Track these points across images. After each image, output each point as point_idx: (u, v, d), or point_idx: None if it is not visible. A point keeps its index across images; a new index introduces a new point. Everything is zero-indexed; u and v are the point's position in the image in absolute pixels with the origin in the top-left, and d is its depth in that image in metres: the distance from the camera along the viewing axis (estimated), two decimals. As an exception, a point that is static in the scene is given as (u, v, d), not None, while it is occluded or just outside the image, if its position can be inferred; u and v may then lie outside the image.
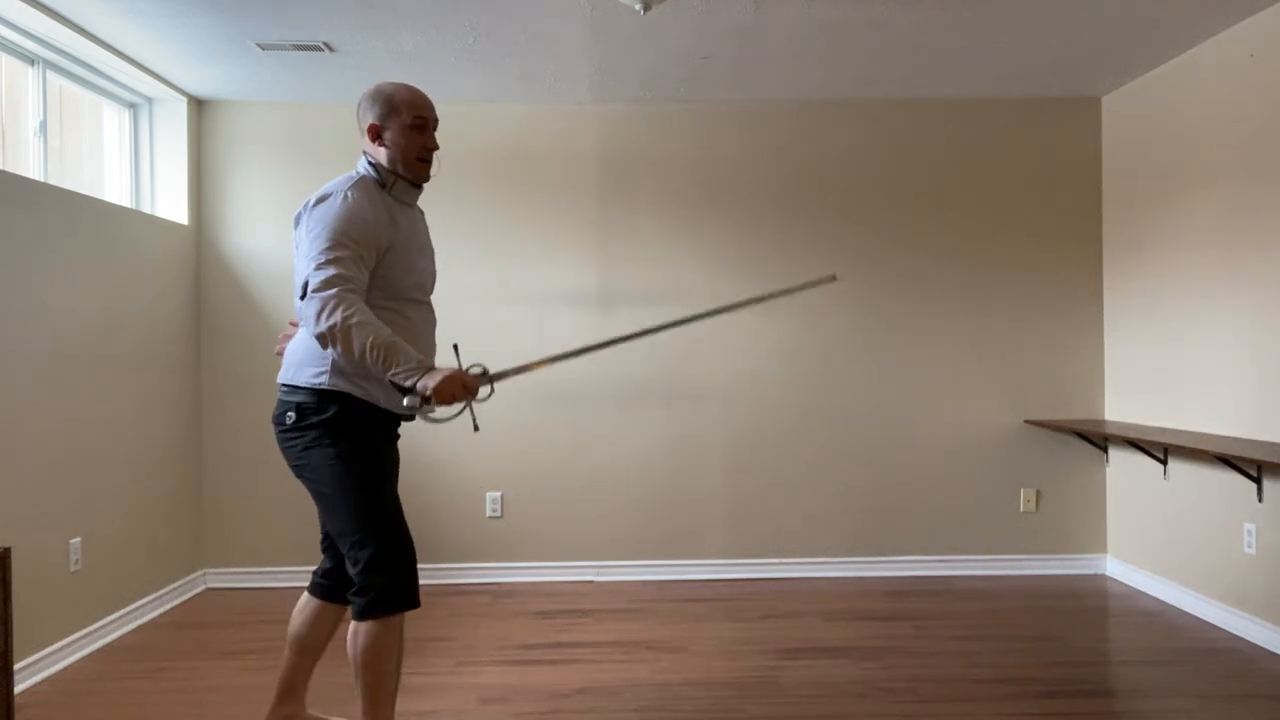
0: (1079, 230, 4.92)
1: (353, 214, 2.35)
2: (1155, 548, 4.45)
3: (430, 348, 2.60)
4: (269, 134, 4.81)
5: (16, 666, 3.24)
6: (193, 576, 4.66)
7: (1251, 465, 3.68)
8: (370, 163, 2.51)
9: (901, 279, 4.88)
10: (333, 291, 2.25)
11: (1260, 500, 3.71)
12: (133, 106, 4.60)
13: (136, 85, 4.42)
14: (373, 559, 2.41)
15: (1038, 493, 4.91)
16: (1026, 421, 4.87)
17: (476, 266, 4.83)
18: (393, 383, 2.31)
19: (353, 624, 2.46)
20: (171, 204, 4.66)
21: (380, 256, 2.40)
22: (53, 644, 3.54)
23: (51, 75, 3.95)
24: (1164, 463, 4.34)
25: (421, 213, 2.64)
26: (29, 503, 3.42)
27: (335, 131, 4.81)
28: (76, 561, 3.70)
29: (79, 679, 3.46)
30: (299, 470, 2.57)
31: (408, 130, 2.48)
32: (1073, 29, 3.90)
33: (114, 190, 4.53)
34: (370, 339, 2.25)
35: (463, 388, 2.32)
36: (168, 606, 4.39)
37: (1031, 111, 4.92)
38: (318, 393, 2.47)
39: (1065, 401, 4.91)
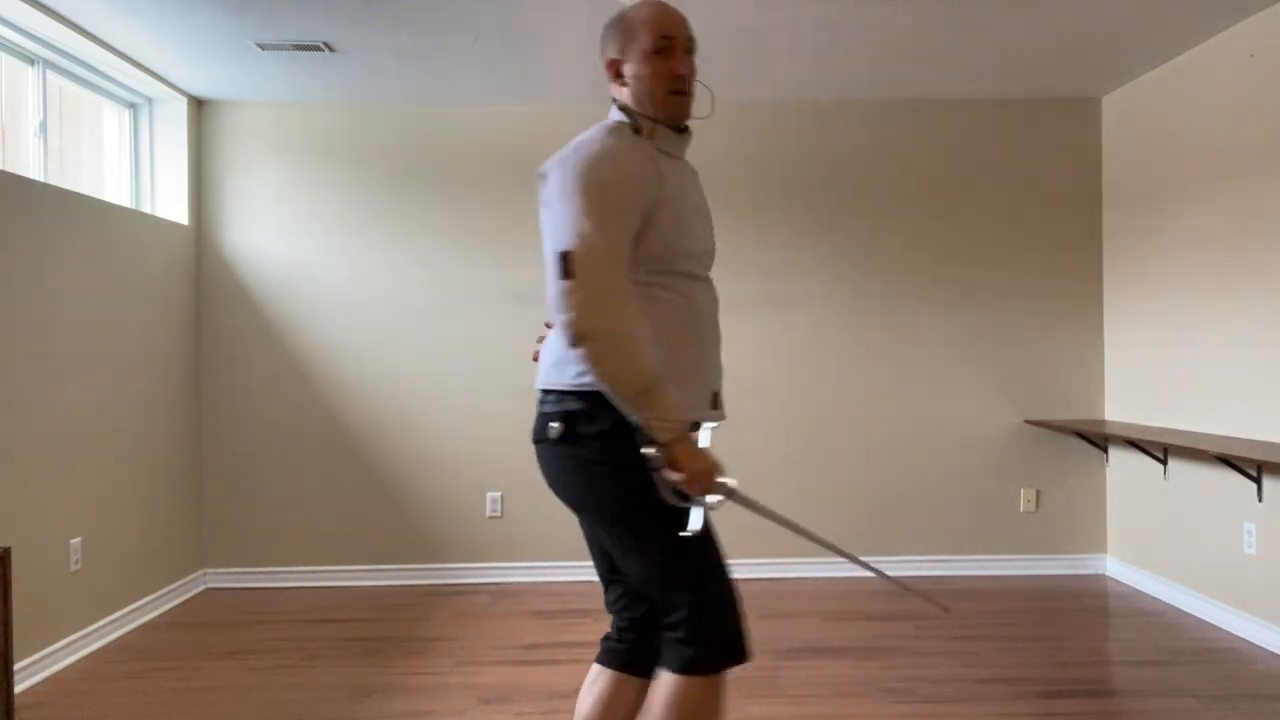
0: (1079, 230, 4.92)
1: (613, 165, 1.84)
2: (1155, 548, 4.45)
3: (713, 335, 1.99)
4: (269, 134, 4.81)
5: (16, 666, 3.24)
6: (193, 576, 4.66)
7: (1251, 465, 3.68)
8: (620, 107, 1.97)
9: (901, 279, 4.88)
10: (589, 277, 1.75)
11: (1260, 500, 3.71)
12: (133, 106, 4.60)
13: (136, 85, 4.42)
14: (703, 604, 1.87)
15: (1038, 493, 4.91)
16: (1026, 421, 4.87)
17: (476, 266, 4.83)
18: (640, 426, 1.77)
19: (664, 680, 1.91)
20: (171, 204, 4.66)
21: (647, 220, 1.84)
22: (53, 644, 3.54)
23: (51, 75, 3.95)
24: (1164, 463, 4.34)
25: (694, 171, 2.06)
26: (29, 503, 3.42)
27: (335, 131, 4.81)
28: (76, 561, 3.70)
29: (79, 679, 3.46)
30: (577, 506, 2.07)
31: (651, 57, 1.91)
32: (1073, 29, 3.90)
33: (114, 190, 4.53)
34: (636, 364, 1.74)
35: (706, 478, 1.77)
36: (168, 606, 4.39)
37: (1031, 111, 4.92)
38: (588, 396, 1.85)
39: (1065, 401, 4.91)
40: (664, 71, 1.92)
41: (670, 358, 1.84)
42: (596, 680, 2.16)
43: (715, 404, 1.95)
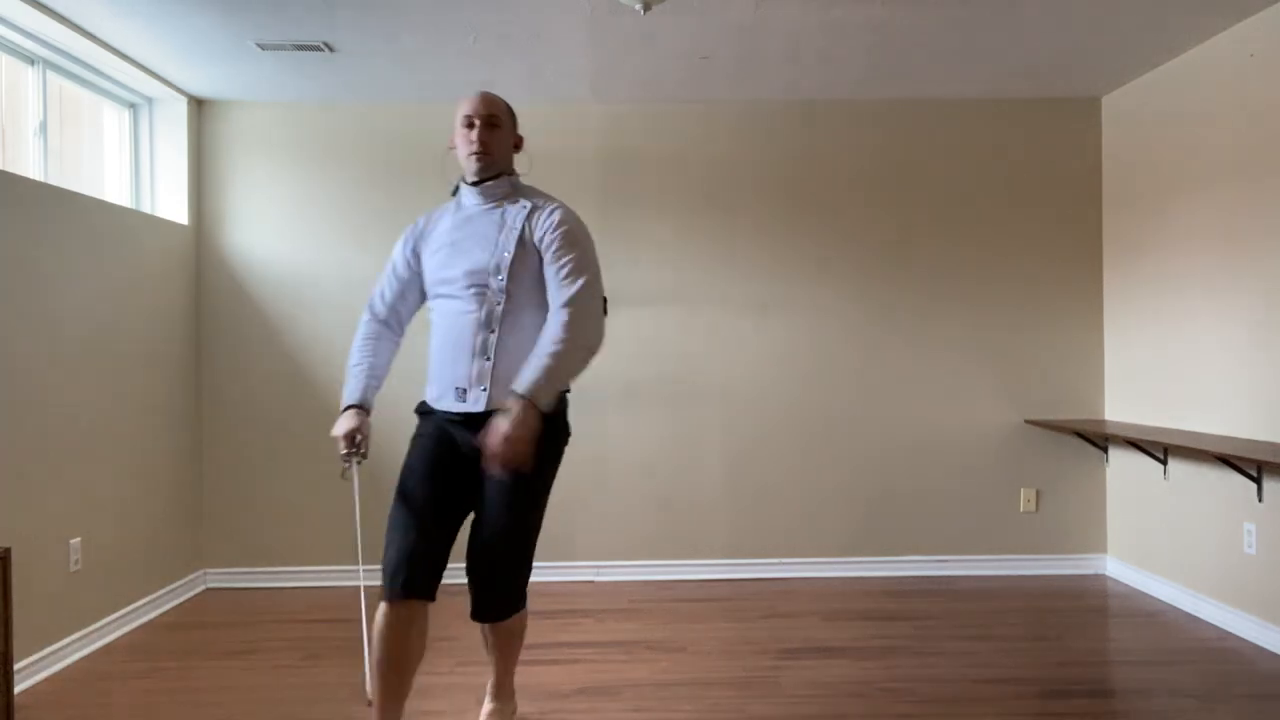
0: (1079, 230, 4.92)
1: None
2: (1155, 548, 4.45)
3: (456, 344, 2.55)
4: (269, 134, 4.81)
5: (16, 666, 3.24)
6: (193, 576, 4.66)
7: (1251, 465, 3.68)
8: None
9: (901, 279, 4.88)
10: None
11: (1260, 500, 3.71)
12: (133, 106, 4.60)
13: (136, 85, 4.42)
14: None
15: (1038, 493, 4.91)
16: (1026, 421, 4.87)
17: (476, 266, 4.83)
18: None
19: None
20: (171, 204, 4.67)
21: (414, 263, 2.70)
22: (53, 644, 3.54)
23: (51, 75, 3.95)
24: (1164, 463, 4.34)
25: (494, 208, 2.61)
26: (29, 503, 3.42)
27: (335, 131, 4.81)
28: (76, 561, 3.70)
29: (79, 679, 3.46)
30: None
31: (460, 131, 2.61)
32: (1073, 29, 3.90)
33: (114, 190, 4.53)
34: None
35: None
36: (168, 606, 4.39)
37: (1031, 111, 4.92)
38: None
39: (1065, 401, 4.91)
40: (464, 140, 2.59)
41: (430, 360, 2.64)
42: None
43: (460, 397, 2.54)
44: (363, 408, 2.60)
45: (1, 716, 2.66)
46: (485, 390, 2.51)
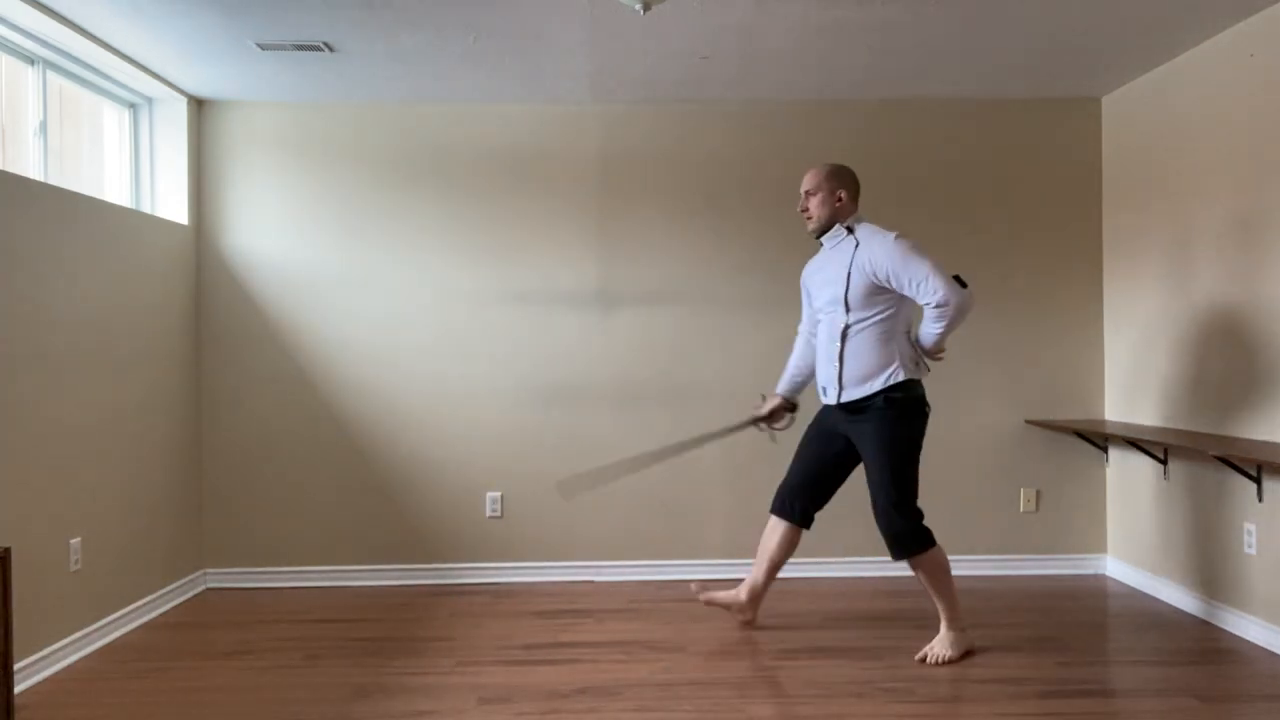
0: (1079, 231, 4.92)
1: None
2: (1155, 548, 4.45)
3: (821, 358, 3.67)
4: (269, 134, 4.81)
5: (16, 666, 3.24)
6: (193, 576, 4.66)
7: (1251, 465, 3.68)
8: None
9: (901, 279, 4.88)
10: None
11: (1260, 500, 3.71)
12: (133, 106, 4.60)
13: (136, 85, 4.42)
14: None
15: (1038, 493, 4.91)
16: (1027, 421, 4.87)
17: (476, 266, 4.83)
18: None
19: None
20: (171, 204, 4.67)
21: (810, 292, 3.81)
22: (53, 644, 3.54)
23: (51, 75, 3.95)
24: (1164, 463, 4.34)
25: (834, 248, 3.64)
26: (29, 503, 3.42)
27: (335, 131, 4.81)
28: (76, 561, 3.70)
29: (79, 679, 3.46)
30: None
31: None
32: (1073, 29, 3.90)
33: (114, 190, 4.53)
34: None
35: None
36: (168, 606, 4.39)
37: (1031, 111, 4.92)
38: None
39: (1065, 401, 4.91)
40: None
41: None
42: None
43: (824, 394, 3.70)
44: None
45: (1, 716, 2.66)
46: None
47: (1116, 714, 3.03)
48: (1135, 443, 4.38)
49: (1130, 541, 4.68)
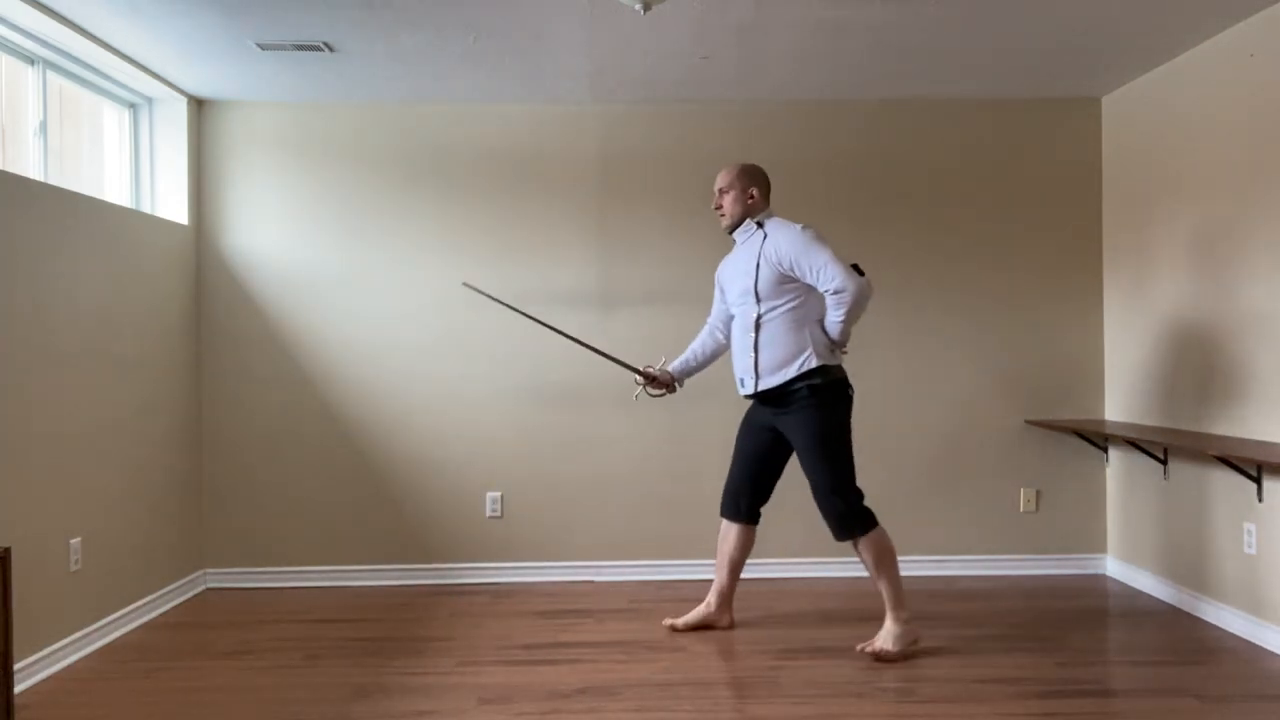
0: (1079, 230, 4.92)
1: None
2: (1155, 548, 4.45)
3: (737, 350, 3.76)
4: (269, 134, 4.81)
5: (16, 666, 3.24)
6: (193, 576, 4.66)
7: (1251, 465, 3.68)
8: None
9: (901, 279, 4.88)
10: None
11: (1260, 500, 3.71)
12: (133, 106, 4.60)
13: (136, 85, 4.42)
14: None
15: (1038, 493, 4.91)
16: (1027, 421, 4.88)
17: (476, 266, 4.83)
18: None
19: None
20: (171, 204, 4.67)
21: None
22: (53, 644, 3.54)
23: (51, 75, 3.95)
24: (1164, 463, 4.34)
25: (745, 242, 3.73)
26: (29, 503, 3.42)
27: (335, 131, 4.81)
28: (76, 561, 3.70)
29: (79, 679, 3.46)
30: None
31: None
32: (1073, 29, 3.90)
33: (114, 190, 4.53)
34: None
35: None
36: (168, 606, 4.39)
37: (1031, 111, 4.92)
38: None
39: (1065, 401, 4.91)
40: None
41: None
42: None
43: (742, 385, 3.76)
44: None
45: (1, 716, 2.66)
46: None
47: (1116, 714, 3.03)
48: (1135, 443, 4.38)
49: (1130, 541, 4.68)
